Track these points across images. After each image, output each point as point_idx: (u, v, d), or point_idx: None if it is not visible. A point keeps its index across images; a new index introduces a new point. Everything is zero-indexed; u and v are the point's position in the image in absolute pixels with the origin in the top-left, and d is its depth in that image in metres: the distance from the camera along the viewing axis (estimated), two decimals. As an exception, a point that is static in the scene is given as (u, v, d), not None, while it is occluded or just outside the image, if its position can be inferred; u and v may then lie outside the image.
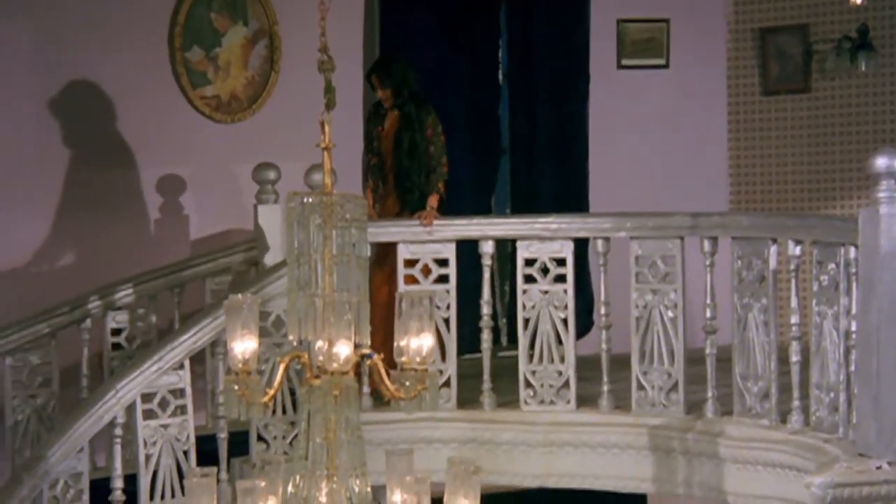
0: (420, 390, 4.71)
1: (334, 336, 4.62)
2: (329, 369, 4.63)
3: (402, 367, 4.84)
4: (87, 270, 7.99)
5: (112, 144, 8.22)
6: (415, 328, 4.74)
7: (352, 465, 4.76)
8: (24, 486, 6.09)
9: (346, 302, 4.63)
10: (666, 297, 6.66)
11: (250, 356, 4.62)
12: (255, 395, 4.61)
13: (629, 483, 6.81)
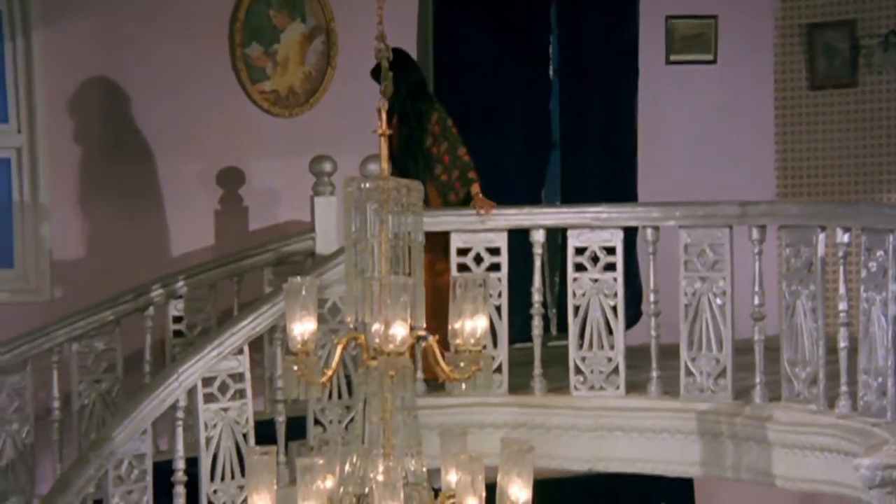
0: (474, 371, 4.70)
1: (390, 318, 4.61)
2: (385, 350, 4.63)
3: (456, 349, 4.84)
4: (150, 259, 8.04)
5: (174, 137, 8.27)
6: (469, 310, 4.74)
7: (407, 444, 4.76)
8: (90, 465, 6.15)
9: (401, 285, 4.63)
10: (714, 285, 6.61)
11: (309, 337, 4.63)
12: (313, 375, 4.62)
13: (677, 467, 6.78)
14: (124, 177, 8.16)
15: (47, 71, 8.01)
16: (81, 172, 8.04)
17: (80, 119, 8.08)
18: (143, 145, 8.19)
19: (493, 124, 9.04)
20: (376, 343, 4.67)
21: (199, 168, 8.31)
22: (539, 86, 9.21)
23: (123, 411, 6.44)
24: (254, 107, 8.46)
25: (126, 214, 8.13)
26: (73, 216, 8.06)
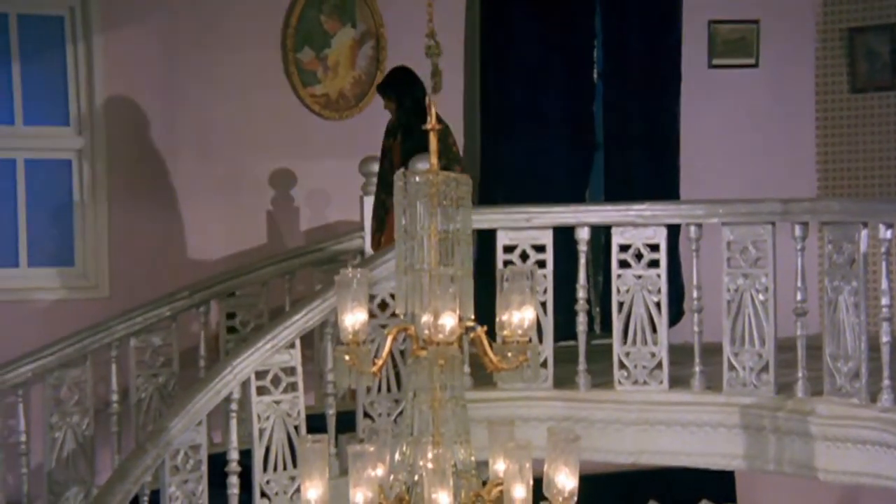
0: (522, 361, 4.68)
1: (440, 308, 4.61)
2: (435, 340, 4.62)
3: (504, 339, 4.82)
4: (205, 257, 8.08)
5: (228, 140, 8.31)
6: (516, 301, 4.73)
7: (456, 432, 4.75)
8: (148, 455, 6.18)
9: (450, 276, 4.62)
10: (757, 281, 6.56)
11: (360, 328, 4.63)
12: (364, 364, 4.62)
13: (720, 460, 6.72)
14: (180, 177, 8.21)
15: (107, 75, 8.08)
16: (139, 173, 8.10)
17: (138, 121, 8.14)
18: (199, 147, 8.24)
19: (538, 126, 9.04)
20: (426, 334, 4.67)
21: (252, 169, 8.35)
22: (583, 89, 9.18)
23: (180, 403, 6.46)
24: (305, 110, 8.50)
25: (182, 214, 8.19)
26: (131, 216, 8.11)
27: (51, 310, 7.93)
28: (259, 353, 6.62)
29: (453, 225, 4.67)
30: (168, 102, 8.24)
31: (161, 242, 8.12)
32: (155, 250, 8.02)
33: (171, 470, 6.33)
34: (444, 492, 4.57)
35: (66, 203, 8.11)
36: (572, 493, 4.71)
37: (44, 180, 8.09)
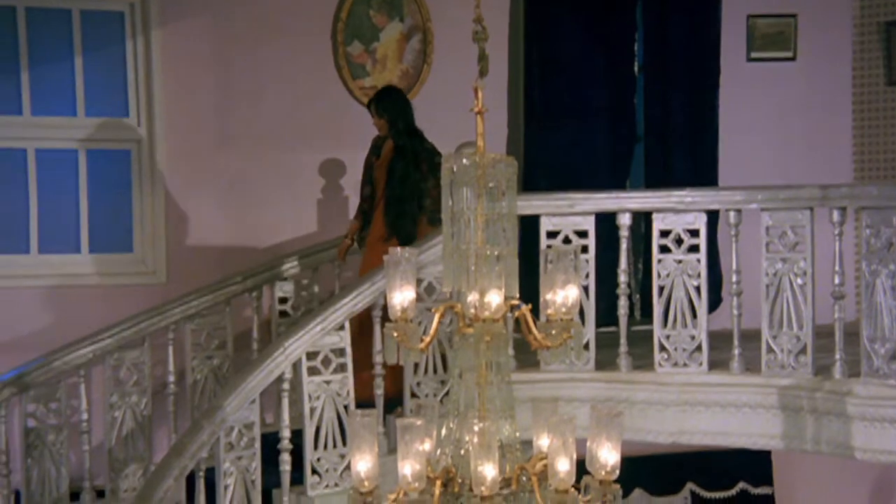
0: (565, 339, 4.64)
1: (486, 287, 4.57)
2: (481, 317, 4.59)
3: (548, 318, 4.78)
4: (258, 244, 8.10)
5: (280, 130, 8.32)
6: (560, 280, 4.68)
7: (501, 408, 4.71)
8: (203, 431, 6.18)
9: (496, 255, 4.58)
10: (795, 266, 6.48)
11: (408, 305, 4.60)
12: (412, 340, 4.59)
13: (759, 440, 6.66)
14: (234, 167, 8.23)
15: (165, 68, 8.11)
16: (195, 163, 8.12)
17: (195, 113, 8.16)
18: (252, 137, 8.26)
19: (580, 117, 8.99)
20: (472, 311, 4.64)
21: (303, 159, 8.36)
22: (625, 82, 9.12)
23: (234, 382, 6.46)
24: (354, 101, 8.48)
25: (235, 202, 8.20)
26: (188, 204, 8.14)
27: (110, 294, 7.97)
28: (309, 335, 6.61)
29: (499, 206, 4.63)
30: (222, 94, 8.25)
31: (216, 230, 8.15)
32: (210, 237, 8.04)
33: (226, 447, 6.33)
34: (489, 464, 4.54)
35: (125, 192, 8.14)
36: (615, 467, 4.66)
37: (104, 170, 8.12)
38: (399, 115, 7.32)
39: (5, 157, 7.92)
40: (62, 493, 7.19)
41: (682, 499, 9.00)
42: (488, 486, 4.53)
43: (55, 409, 7.16)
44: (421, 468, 4.60)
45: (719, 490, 8.98)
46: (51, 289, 7.90)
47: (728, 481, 8.99)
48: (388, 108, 7.32)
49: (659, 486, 8.87)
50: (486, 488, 4.53)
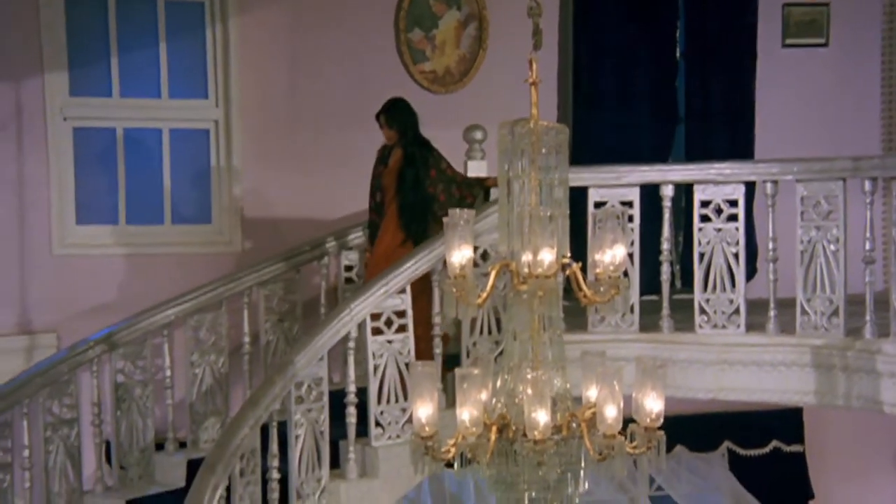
0: (614, 295, 4.60)
1: (539, 245, 4.54)
2: (534, 274, 4.56)
3: (596, 277, 4.74)
4: (325, 216, 8.09)
5: (346, 111, 8.31)
6: (609, 240, 4.64)
7: (553, 360, 4.68)
8: (275, 385, 6.18)
9: (549, 216, 4.55)
10: (829, 233, 6.40)
11: (466, 263, 4.57)
12: (470, 296, 4.57)
13: (793, 396, 6.58)
14: (304, 144, 8.23)
15: (241, 53, 8.12)
16: (268, 141, 8.13)
17: (268, 95, 8.17)
18: (320, 117, 8.26)
19: (625, 101, 8.92)
20: (526, 269, 4.60)
21: (366, 137, 8.29)
22: (667, 66, 9.03)
23: (304, 341, 6.46)
24: (415, 84, 8.46)
25: (305, 177, 8.21)
26: (261, 178, 8.15)
27: (190, 262, 8.00)
28: (374, 298, 6.61)
29: (551, 170, 4.59)
30: (293, 78, 8.25)
31: (287, 203, 8.17)
32: (280, 210, 8.06)
33: (297, 399, 6.34)
34: (542, 411, 4.51)
35: (203, 168, 8.17)
36: (659, 414, 4.62)
37: (185, 148, 8.15)
38: (408, 125, 7.18)
39: (96, 136, 7.97)
40: (148, 443, 7.24)
41: (719, 455, 8.94)
42: (541, 431, 4.50)
43: (141, 366, 7.21)
44: (478, 415, 4.58)
45: (754, 448, 8.91)
46: (137, 256, 7.95)
47: (762, 440, 8.92)
48: (398, 119, 7.17)
49: (698, 444, 8.82)
50: (538, 433, 4.50)
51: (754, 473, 8.89)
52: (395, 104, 7.19)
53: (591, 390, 4.68)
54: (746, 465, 8.90)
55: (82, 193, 7.91)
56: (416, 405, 4.65)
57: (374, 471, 6.66)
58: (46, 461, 6.77)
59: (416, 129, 7.18)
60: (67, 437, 6.84)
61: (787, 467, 8.91)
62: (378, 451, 6.66)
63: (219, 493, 5.70)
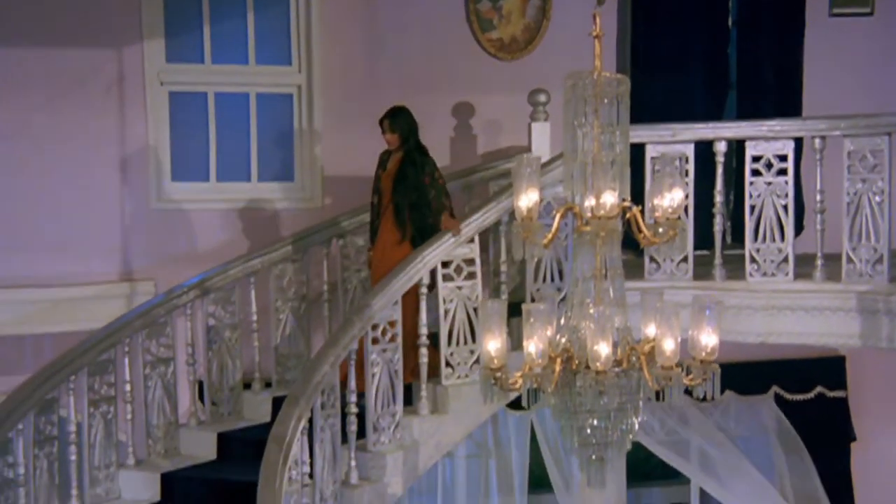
0: (672, 235, 4.53)
1: (601, 188, 4.48)
2: (597, 216, 4.50)
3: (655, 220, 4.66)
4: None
5: (419, 76, 8.25)
6: (667, 185, 4.57)
7: (614, 297, 4.62)
8: (353, 327, 6.19)
9: (611, 161, 4.48)
10: (874, 185, 6.27)
11: (533, 206, 4.52)
12: (536, 237, 4.52)
13: (838, 339, 6.47)
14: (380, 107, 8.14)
15: (322, 23, 8.08)
16: (347, 104, 8.10)
17: (346, 62, 8.13)
18: (395, 82, 8.20)
19: (679, 68, 8.73)
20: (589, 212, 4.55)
21: (438, 101, 8.28)
22: (719, 35, 8.82)
23: (380, 286, 6.46)
24: (483, 52, 8.37)
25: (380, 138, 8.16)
26: (339, 139, 8.13)
27: (275, 216, 8.02)
28: (444, 247, 6.59)
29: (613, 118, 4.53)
30: (370, 46, 8.21)
31: (365, 161, 8.11)
32: (358, 168, 8.03)
33: (373, 340, 6.35)
34: (604, 343, 4.46)
35: (287, 130, 8.16)
36: (714, 349, 4.55)
37: (271, 111, 8.14)
38: (410, 131, 6.95)
39: (190, 100, 7.98)
40: (236, 381, 7.31)
41: (767, 400, 8.82)
42: (603, 363, 4.45)
43: (230, 310, 7.26)
44: (544, 347, 4.54)
45: (799, 393, 8.78)
46: (226, 211, 7.98)
47: (807, 385, 8.78)
48: (402, 126, 6.93)
49: (747, 389, 8.70)
50: (600, 364, 4.46)
51: (800, 417, 8.77)
52: (399, 111, 6.98)
53: (650, 327, 4.62)
54: (792, 409, 8.77)
55: (177, 152, 7.93)
56: (486, 339, 4.62)
57: (445, 407, 6.66)
58: (146, 396, 6.85)
59: (417, 135, 6.97)
60: (164, 374, 6.91)
61: (831, 411, 8.78)
62: (448, 389, 6.66)
63: (302, 424, 5.74)
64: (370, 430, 6.39)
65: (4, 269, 7.49)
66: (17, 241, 7.54)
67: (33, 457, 6.10)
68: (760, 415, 8.85)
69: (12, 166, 7.56)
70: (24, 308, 7.41)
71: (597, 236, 4.47)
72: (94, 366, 6.47)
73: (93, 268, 7.66)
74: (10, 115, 7.52)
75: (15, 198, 7.56)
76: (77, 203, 7.69)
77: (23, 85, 7.56)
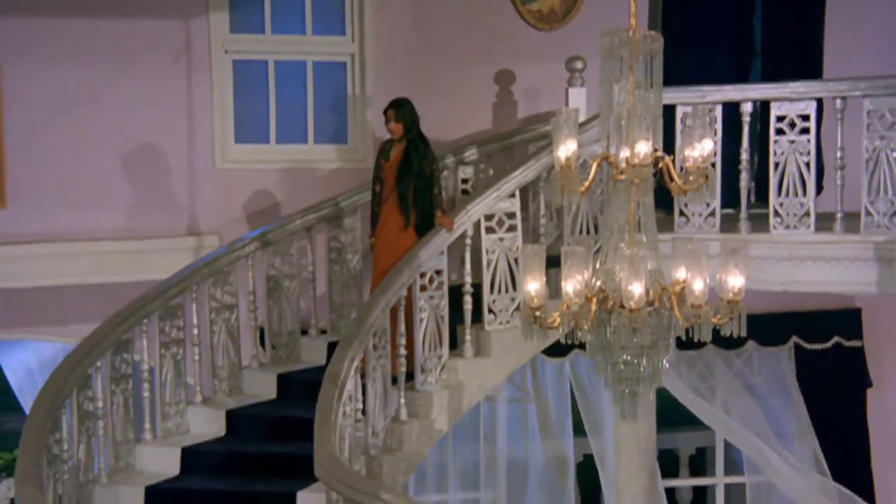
0: (702, 183, 4.50)
1: (635, 138, 4.46)
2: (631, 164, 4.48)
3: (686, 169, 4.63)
4: (445, 136, 8.04)
5: (462, 45, 8.21)
6: (697, 135, 4.54)
7: (647, 240, 4.61)
8: (403, 275, 6.22)
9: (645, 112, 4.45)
10: (892, 142, 6.19)
11: (571, 156, 4.51)
12: (574, 185, 4.51)
13: (856, 287, 6.42)
14: (427, 75, 8.15)
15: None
16: (396, 72, 8.06)
17: (396, 32, 8.10)
18: (440, 52, 8.17)
19: (708, 39, 8.60)
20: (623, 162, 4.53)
21: (480, 70, 8.24)
22: (745, 6, 8.69)
23: (428, 237, 6.49)
24: (523, 23, 8.28)
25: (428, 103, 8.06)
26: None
27: (329, 176, 8.02)
28: (487, 201, 6.60)
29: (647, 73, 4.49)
30: (417, 18, 8.16)
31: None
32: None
33: (420, 288, 6.38)
34: (637, 283, 4.45)
35: (341, 96, 8.16)
36: (741, 289, 4.53)
37: (326, 78, 8.13)
38: (414, 122, 6.78)
39: (251, 68, 7.98)
40: (294, 328, 7.36)
41: (787, 349, 8.76)
42: (636, 301, 4.45)
43: (289, 261, 7.31)
44: (581, 287, 4.54)
45: (817, 343, 8.71)
46: (285, 170, 7.99)
47: (825, 336, 8.70)
48: (407, 116, 6.74)
49: (768, 339, 8.64)
50: (634, 303, 4.45)
51: (818, 365, 8.70)
52: (403, 102, 6.81)
53: (681, 271, 4.60)
54: (811, 358, 8.71)
55: (240, 116, 7.94)
56: (526, 280, 4.63)
57: (487, 351, 6.68)
58: (212, 339, 6.93)
59: (419, 125, 6.80)
60: (228, 319, 6.98)
61: (848, 360, 8.70)
62: (490, 334, 6.67)
63: (355, 364, 5.78)
64: (418, 372, 6.43)
65: (84, 223, 7.58)
66: (95, 198, 7.62)
67: (110, 392, 6.21)
68: (781, 363, 8.81)
69: (89, 131, 7.62)
70: (101, 259, 7.51)
71: (631, 184, 4.45)
72: (164, 311, 6.55)
73: (162, 223, 7.72)
74: (86, 82, 7.57)
75: (92, 159, 7.63)
76: (148, 164, 7.74)
77: (97, 54, 7.60)
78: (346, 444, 5.66)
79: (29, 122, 7.45)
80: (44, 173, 7.53)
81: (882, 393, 8.81)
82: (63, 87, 7.49)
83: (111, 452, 6.24)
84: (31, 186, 7.50)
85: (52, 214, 7.52)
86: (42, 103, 7.46)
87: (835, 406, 8.68)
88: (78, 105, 7.55)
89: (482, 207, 6.56)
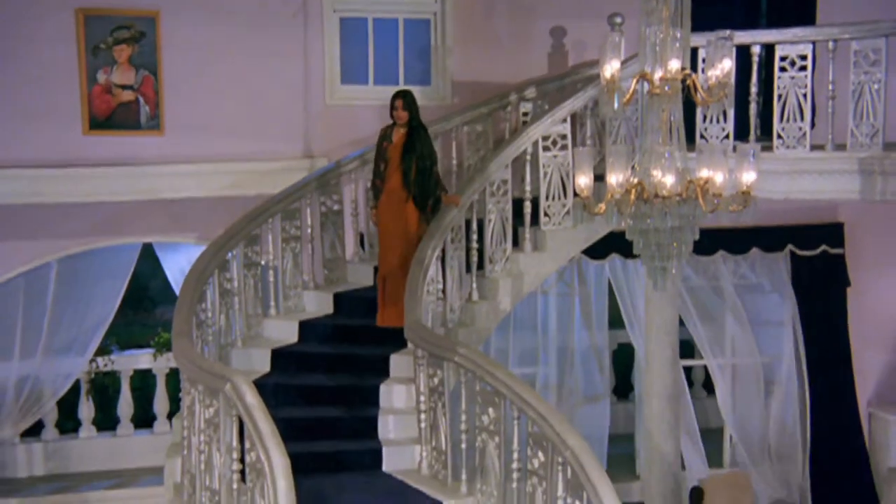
0: (723, 95, 4.53)
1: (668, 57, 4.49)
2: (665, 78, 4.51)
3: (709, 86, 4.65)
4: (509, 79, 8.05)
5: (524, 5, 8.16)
6: (718, 56, 4.56)
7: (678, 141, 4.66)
8: (475, 182, 6.34)
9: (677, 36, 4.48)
10: (873, 76, 6.13)
11: (615, 73, 4.55)
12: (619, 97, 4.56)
13: (843, 194, 6.40)
14: (498, 29, 8.12)
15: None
16: (471, 27, 8.05)
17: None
18: (506, 11, 8.15)
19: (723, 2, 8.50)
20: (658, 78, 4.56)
21: (540, 25, 8.19)
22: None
23: (494, 153, 6.60)
24: (576, -18, 8.22)
25: (495, 52, 8.11)
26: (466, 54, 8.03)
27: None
28: (543, 125, 6.66)
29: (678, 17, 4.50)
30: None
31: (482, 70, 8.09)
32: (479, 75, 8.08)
33: (490, 194, 6.50)
34: (669, 175, 4.52)
35: (426, 47, 8.19)
36: (753, 184, 4.58)
37: (414, 31, 8.11)
38: (417, 111, 6.55)
39: (355, 23, 8.00)
40: (342, 255, 7.21)
41: (783, 255, 8.75)
42: (668, 191, 4.53)
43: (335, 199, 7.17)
44: (623, 179, 4.62)
45: (808, 250, 8.68)
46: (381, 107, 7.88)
47: (814, 244, 8.67)
48: (412, 105, 6.51)
49: (768, 246, 8.63)
50: (666, 191, 4.53)
51: (809, 268, 8.69)
52: (408, 93, 6.59)
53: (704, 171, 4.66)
54: (803, 263, 8.69)
55: (345, 63, 8.01)
56: (578, 175, 4.70)
57: (543, 246, 6.80)
58: (322, 238, 7.11)
59: (419, 114, 6.56)
60: (335, 222, 7.14)
61: (833, 264, 8.66)
62: (546, 233, 6.78)
63: (437, 253, 5.93)
64: (487, 262, 6.58)
65: (223, 148, 7.72)
66: (231, 128, 7.75)
67: (243, 276, 6.42)
68: (779, 266, 8.81)
69: (227, 74, 7.76)
70: (236, 177, 7.70)
71: (664, 95, 4.49)
72: (286, 213, 6.74)
73: (284, 148, 7.86)
74: (225, 33, 7.69)
75: (229, 97, 7.78)
76: (272, 101, 7.84)
77: (234, 11, 7.74)
78: (429, 317, 5.82)
79: (182, 65, 7.61)
80: (193, 108, 7.67)
81: (858, 291, 8.78)
82: (209, 37, 7.62)
83: (244, 323, 6.44)
84: (183, 118, 7.66)
85: (199, 141, 7.67)
86: (192, 50, 7.59)
87: (821, 301, 8.68)
88: (219, 52, 7.69)
89: (540, 129, 6.64)
